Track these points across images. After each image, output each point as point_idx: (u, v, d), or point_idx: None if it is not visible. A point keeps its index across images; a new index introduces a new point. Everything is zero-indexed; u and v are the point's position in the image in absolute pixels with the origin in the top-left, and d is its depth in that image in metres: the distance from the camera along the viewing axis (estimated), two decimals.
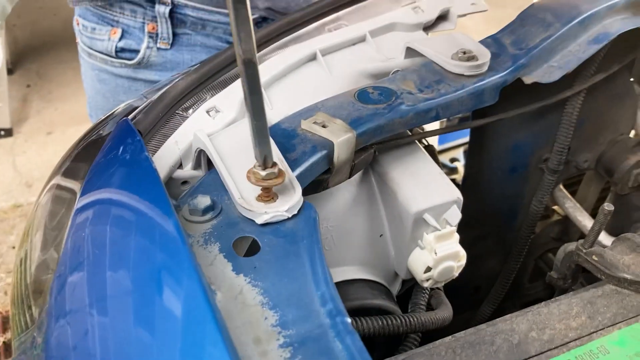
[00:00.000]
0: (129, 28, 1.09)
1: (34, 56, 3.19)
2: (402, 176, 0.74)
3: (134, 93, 1.14)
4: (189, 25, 1.10)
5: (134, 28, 1.09)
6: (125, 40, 1.10)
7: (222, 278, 0.51)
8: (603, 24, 0.83)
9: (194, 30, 1.10)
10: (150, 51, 1.10)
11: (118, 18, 1.09)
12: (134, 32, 1.10)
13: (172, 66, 1.12)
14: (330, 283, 0.50)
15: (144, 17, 1.08)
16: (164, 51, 1.11)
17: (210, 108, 0.75)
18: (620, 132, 1.00)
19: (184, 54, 1.12)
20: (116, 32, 1.10)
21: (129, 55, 1.12)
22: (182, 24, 1.09)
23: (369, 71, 0.84)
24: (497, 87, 0.77)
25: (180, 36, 1.11)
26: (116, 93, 1.16)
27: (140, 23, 1.09)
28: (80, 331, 0.50)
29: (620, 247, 0.65)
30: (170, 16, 1.07)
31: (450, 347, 0.56)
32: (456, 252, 0.73)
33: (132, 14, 1.08)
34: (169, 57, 1.12)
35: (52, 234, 0.67)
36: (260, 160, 0.56)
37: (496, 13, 1.37)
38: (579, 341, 0.56)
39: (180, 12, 1.08)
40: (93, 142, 0.75)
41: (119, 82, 1.15)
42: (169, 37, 1.09)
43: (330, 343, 0.46)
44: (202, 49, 1.12)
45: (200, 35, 1.11)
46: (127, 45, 1.11)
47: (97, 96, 1.20)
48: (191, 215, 0.58)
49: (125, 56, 1.12)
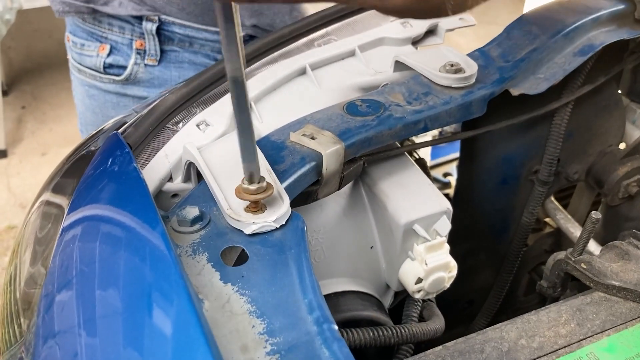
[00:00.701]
0: (117, 44, 1.10)
1: (29, 78, 3.20)
2: (391, 187, 0.75)
3: (123, 109, 1.15)
4: (176, 42, 1.11)
5: (122, 44, 1.10)
6: (113, 57, 1.11)
7: (210, 287, 0.51)
8: (588, 37, 0.84)
9: (181, 47, 1.11)
10: (138, 67, 1.11)
11: (107, 34, 1.10)
12: (122, 49, 1.10)
13: (160, 82, 1.13)
14: (317, 291, 0.50)
15: (132, 34, 1.09)
16: (151, 67, 1.12)
17: (200, 122, 0.75)
18: (609, 143, 1.01)
19: (172, 71, 1.13)
20: (104, 48, 1.10)
21: (117, 71, 1.13)
22: (170, 41, 1.10)
23: (358, 85, 0.84)
24: (485, 98, 0.78)
25: (168, 53, 1.11)
26: (105, 108, 1.17)
27: (129, 39, 1.09)
28: (70, 350, 0.50)
29: (609, 255, 0.66)
30: (157, 33, 1.08)
31: (440, 356, 0.56)
32: (447, 262, 0.74)
33: (120, 30, 1.09)
34: (156, 74, 1.12)
35: (40, 248, 0.67)
36: (247, 175, 0.57)
37: (487, 30, 1.39)
38: (568, 348, 0.56)
39: (168, 30, 1.09)
40: (82, 157, 0.75)
41: (108, 97, 1.16)
42: (156, 53, 1.10)
43: (317, 350, 0.45)
44: (189, 65, 1.13)
45: (188, 52, 1.12)
46: (115, 61, 1.12)
47: (86, 112, 1.21)
48: (180, 226, 0.58)
49: (113, 72, 1.13)
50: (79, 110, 1.23)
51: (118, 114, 1.12)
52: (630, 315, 0.59)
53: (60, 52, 1.41)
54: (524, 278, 1.17)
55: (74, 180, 0.70)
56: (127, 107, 1.14)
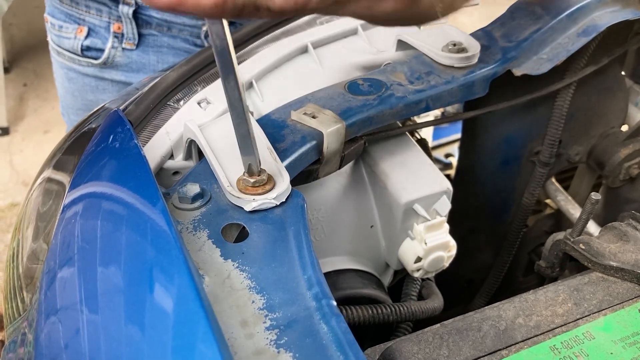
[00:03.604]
0: (95, 27, 1.08)
1: (31, 55, 3.19)
2: (392, 167, 0.75)
3: (102, 93, 1.13)
4: (154, 26, 1.08)
5: (100, 27, 1.08)
6: (91, 39, 1.09)
7: (211, 263, 0.52)
8: (592, 17, 0.83)
9: (159, 31, 1.09)
10: (115, 51, 1.09)
11: (84, 17, 1.08)
12: (99, 31, 1.08)
13: (138, 67, 1.11)
14: (316, 267, 0.51)
15: (110, 17, 1.07)
16: (129, 51, 1.10)
17: (202, 100, 0.75)
18: (611, 125, 1.01)
19: (150, 55, 1.10)
20: (82, 30, 1.08)
21: (95, 54, 1.11)
22: (148, 25, 1.08)
23: (360, 64, 0.84)
24: (487, 78, 0.78)
25: (146, 37, 1.09)
26: (84, 92, 1.15)
27: (106, 22, 1.07)
28: (71, 327, 0.51)
29: (607, 236, 0.66)
30: (134, 17, 1.06)
31: (438, 334, 0.57)
32: (446, 242, 0.74)
33: (97, 13, 1.07)
34: (134, 58, 1.10)
35: (42, 224, 0.67)
36: (245, 167, 0.57)
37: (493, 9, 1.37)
38: (564, 327, 0.56)
39: (145, 13, 1.07)
40: (84, 134, 0.75)
41: (86, 81, 1.14)
42: (134, 37, 1.08)
43: (315, 325, 0.46)
44: (168, 50, 1.11)
45: (166, 37, 1.10)
46: (92, 44, 1.09)
47: (66, 95, 1.19)
48: (181, 203, 0.58)
49: (90, 55, 1.11)
50: (59, 94, 1.21)
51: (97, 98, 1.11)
52: (627, 295, 0.60)
53: None
54: (523, 259, 1.17)
55: (76, 157, 0.70)
56: (107, 91, 1.13)
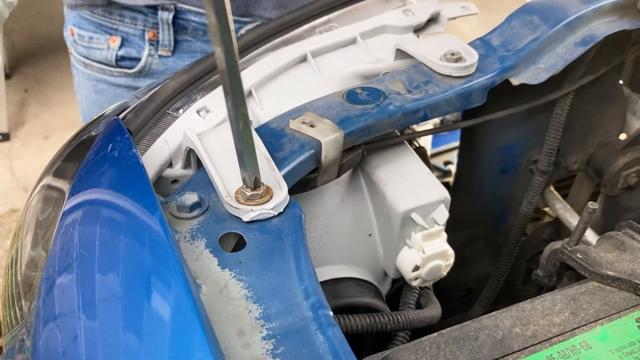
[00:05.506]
0: (129, 36, 1.08)
1: (32, 61, 3.20)
2: (390, 176, 0.75)
3: None
4: (190, 31, 1.09)
5: (134, 36, 1.08)
6: (125, 49, 1.09)
7: (208, 272, 0.52)
8: (589, 27, 0.84)
9: (194, 36, 1.10)
10: (152, 59, 1.09)
11: (117, 26, 1.07)
12: (133, 40, 1.08)
13: None
14: (313, 277, 0.51)
15: (145, 24, 1.07)
16: (165, 58, 1.10)
17: (201, 108, 0.76)
18: (610, 133, 1.01)
19: (185, 61, 1.10)
20: (115, 40, 1.08)
21: (129, 64, 1.10)
22: (184, 30, 1.09)
23: (359, 73, 0.84)
24: (485, 88, 0.78)
25: (181, 43, 1.10)
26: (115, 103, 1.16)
27: (140, 30, 1.07)
28: (69, 333, 0.51)
29: (604, 245, 0.66)
30: (172, 22, 1.06)
31: (435, 343, 0.57)
32: (444, 250, 0.74)
33: (132, 21, 1.07)
34: (170, 65, 1.10)
35: (41, 232, 0.68)
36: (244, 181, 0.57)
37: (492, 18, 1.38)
38: (561, 337, 0.57)
39: (183, 18, 1.07)
40: (83, 142, 0.75)
41: (118, 92, 1.13)
42: (170, 44, 1.08)
43: (312, 335, 0.46)
44: (202, 55, 1.10)
45: (200, 42, 1.10)
46: (127, 53, 1.09)
47: (93, 107, 1.18)
48: (179, 212, 0.58)
49: (125, 65, 1.10)
50: (83, 106, 1.20)
51: None
52: (624, 304, 0.60)
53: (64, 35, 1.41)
54: (522, 267, 1.17)
55: (75, 164, 0.71)
56: None
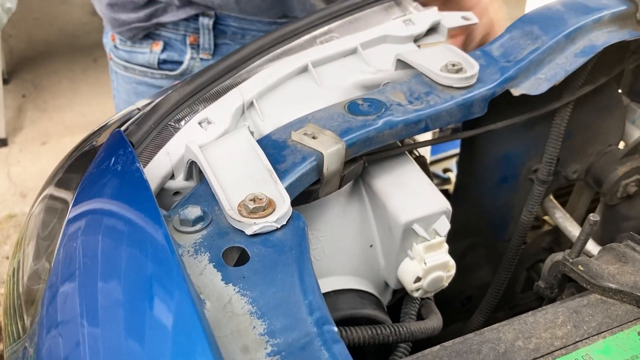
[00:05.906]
0: (171, 40, 1.12)
1: (30, 66, 3.20)
2: (391, 187, 0.75)
3: None
4: (229, 35, 1.13)
5: (175, 40, 1.12)
6: (167, 53, 1.13)
7: (212, 287, 0.52)
8: (589, 37, 0.84)
9: (233, 40, 1.13)
10: (194, 62, 1.13)
11: (159, 32, 1.12)
12: (175, 45, 1.12)
13: None
14: (317, 292, 0.51)
15: (186, 30, 1.11)
16: (206, 61, 1.14)
17: (203, 120, 0.76)
18: (609, 143, 1.02)
19: None
20: (158, 44, 1.12)
21: (171, 67, 1.15)
22: (223, 34, 1.12)
23: (360, 83, 0.85)
24: (486, 98, 0.78)
25: (220, 46, 1.14)
26: None
27: (182, 35, 1.11)
28: (72, 342, 0.51)
29: (606, 257, 0.66)
30: (213, 27, 1.10)
31: (438, 356, 0.57)
32: (445, 262, 0.74)
33: (174, 27, 1.11)
34: None
35: (44, 243, 0.68)
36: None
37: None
38: (564, 350, 0.57)
39: (223, 23, 1.11)
40: (86, 153, 0.75)
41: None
42: (210, 47, 1.12)
43: (316, 351, 0.46)
44: None
45: (239, 45, 1.13)
46: (169, 57, 1.14)
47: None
48: (182, 226, 0.58)
49: (167, 67, 1.15)
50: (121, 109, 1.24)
51: None
52: (626, 317, 0.60)
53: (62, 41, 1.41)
54: (522, 275, 1.17)
55: (78, 175, 0.71)
56: None
